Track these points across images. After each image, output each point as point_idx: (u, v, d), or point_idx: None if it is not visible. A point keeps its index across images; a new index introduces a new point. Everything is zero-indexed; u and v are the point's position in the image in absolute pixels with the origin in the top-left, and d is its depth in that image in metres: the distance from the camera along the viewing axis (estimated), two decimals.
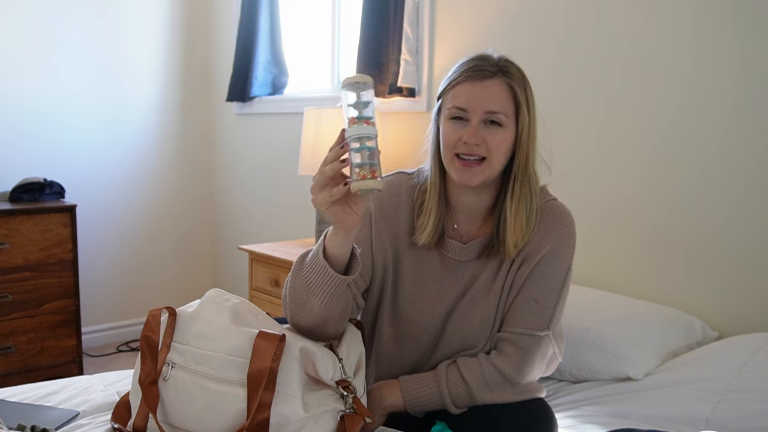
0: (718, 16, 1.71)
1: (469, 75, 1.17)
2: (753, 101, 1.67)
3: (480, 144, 1.16)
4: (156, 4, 3.36)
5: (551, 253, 1.23)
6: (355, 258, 1.12)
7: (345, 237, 1.07)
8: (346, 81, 1.02)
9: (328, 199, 1.02)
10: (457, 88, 1.19)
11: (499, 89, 1.17)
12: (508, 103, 1.17)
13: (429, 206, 1.24)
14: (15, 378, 2.62)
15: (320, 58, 3.09)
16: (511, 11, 2.18)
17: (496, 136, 1.17)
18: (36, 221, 2.69)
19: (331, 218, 1.05)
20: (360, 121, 1.00)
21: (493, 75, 1.17)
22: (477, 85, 1.17)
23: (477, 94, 1.16)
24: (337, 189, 1.01)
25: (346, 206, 1.04)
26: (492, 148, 1.17)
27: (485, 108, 1.16)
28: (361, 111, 1.01)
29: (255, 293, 2.60)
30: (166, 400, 1.08)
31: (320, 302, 1.10)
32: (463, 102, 1.17)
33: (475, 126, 1.16)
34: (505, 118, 1.17)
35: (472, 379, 1.20)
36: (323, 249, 1.09)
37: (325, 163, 1.02)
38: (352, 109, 1.01)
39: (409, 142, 2.53)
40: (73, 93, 3.13)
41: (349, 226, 1.05)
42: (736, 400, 1.33)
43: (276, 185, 3.23)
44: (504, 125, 1.17)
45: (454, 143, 1.18)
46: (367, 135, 0.99)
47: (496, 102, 1.16)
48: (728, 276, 1.73)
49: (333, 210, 1.03)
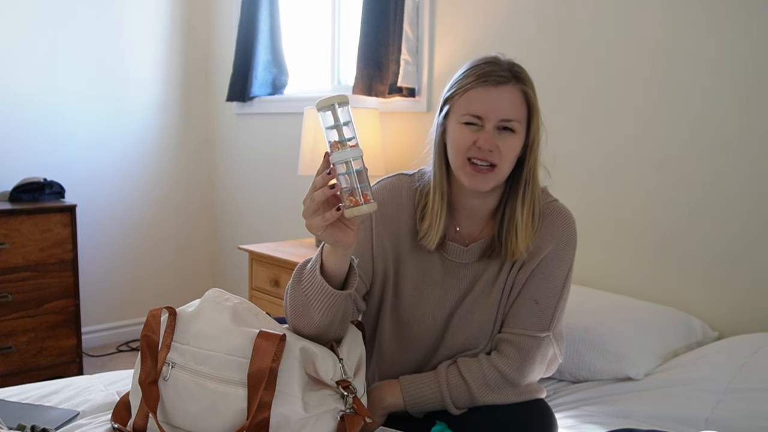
0: (725, 19, 1.71)
1: (484, 81, 1.16)
2: (758, 104, 1.66)
3: (493, 150, 1.15)
4: (156, 4, 3.36)
5: (552, 255, 1.24)
6: (353, 271, 1.11)
7: (343, 253, 1.06)
8: (320, 103, 0.98)
9: (322, 224, 1.00)
10: (471, 94, 1.17)
11: (514, 96, 1.16)
12: (522, 110, 1.17)
13: (434, 210, 1.23)
14: (15, 378, 2.62)
15: (320, 58, 3.09)
16: (512, 11, 2.18)
17: (507, 143, 1.16)
18: (36, 221, 2.69)
19: (328, 240, 1.03)
20: (342, 144, 0.97)
21: (507, 81, 1.16)
22: (492, 92, 1.15)
23: (492, 101, 1.15)
24: (330, 214, 0.98)
25: (341, 226, 1.02)
26: (503, 155, 1.16)
27: (501, 116, 1.15)
28: (342, 133, 0.98)
29: (255, 293, 2.60)
30: (166, 400, 1.08)
31: (319, 314, 1.09)
32: (478, 109, 1.15)
33: (490, 132, 1.15)
34: (518, 125, 1.17)
35: (473, 380, 1.20)
36: (320, 264, 1.08)
37: (313, 188, 0.99)
38: (332, 132, 0.99)
39: (409, 142, 2.53)
40: (73, 93, 3.13)
41: (347, 244, 1.04)
42: (736, 400, 1.33)
43: (276, 185, 3.23)
44: (516, 132, 1.17)
45: (467, 147, 1.17)
46: (353, 158, 0.97)
47: (512, 109, 1.16)
48: (728, 276, 1.73)
49: (329, 233, 1.01)
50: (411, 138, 2.53)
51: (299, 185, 2.99)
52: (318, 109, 0.99)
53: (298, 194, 2.99)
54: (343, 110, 0.99)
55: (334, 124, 0.98)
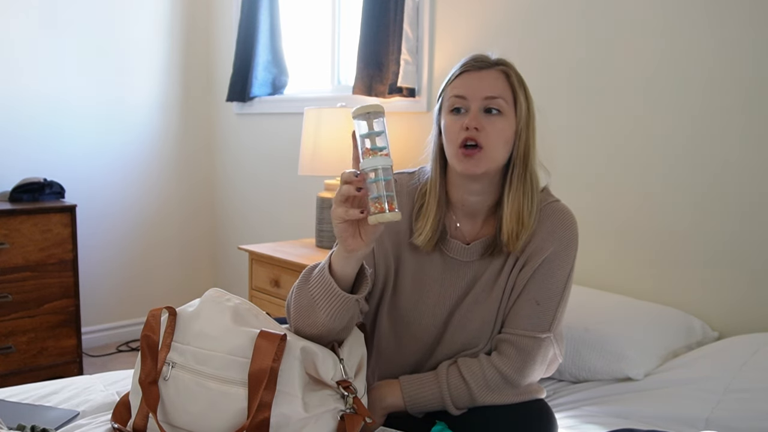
0: (725, 20, 1.71)
1: (467, 68, 1.21)
2: (758, 104, 1.67)
3: (480, 129, 1.17)
4: (156, 5, 3.36)
5: (554, 255, 1.23)
6: (365, 278, 1.12)
7: (347, 257, 1.06)
8: (357, 111, 1.02)
9: (343, 216, 1.02)
10: (456, 81, 1.22)
11: (496, 76, 1.20)
12: (505, 89, 1.20)
13: (428, 209, 1.24)
14: (15, 378, 2.62)
15: (320, 58, 3.09)
16: (512, 11, 2.18)
17: (496, 125, 1.18)
18: (36, 221, 2.69)
19: (338, 234, 1.05)
20: (373, 152, 1.01)
21: (489, 66, 1.21)
22: (474, 75, 1.20)
23: (474, 82, 1.20)
24: (353, 211, 1.01)
25: (355, 229, 1.04)
26: (491, 136, 1.17)
27: (483, 94, 1.18)
28: (374, 141, 1.01)
29: (255, 293, 2.60)
30: (166, 400, 1.08)
31: (326, 316, 1.10)
32: (461, 90, 1.20)
33: (475, 111, 1.18)
34: (504, 103, 1.19)
35: (473, 380, 1.20)
36: (329, 265, 1.09)
37: (342, 180, 1.02)
38: (365, 140, 1.02)
39: (409, 142, 2.53)
40: (73, 93, 3.13)
41: (351, 248, 1.05)
42: (736, 400, 1.33)
43: (276, 185, 3.23)
44: (504, 113, 1.19)
45: (456, 134, 1.19)
46: (382, 167, 1.00)
47: (494, 88, 1.19)
48: (728, 276, 1.73)
49: (343, 227, 1.04)
50: (411, 138, 2.53)
51: (299, 185, 2.99)
52: (354, 116, 1.03)
53: (298, 194, 3.03)
54: (378, 121, 1.02)
55: (368, 132, 1.02)
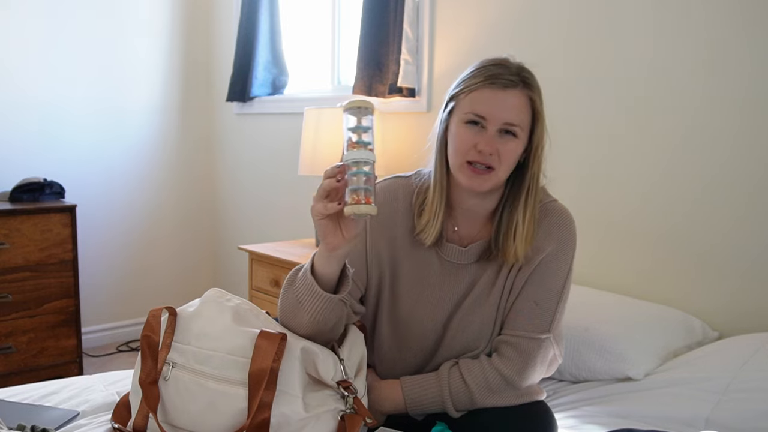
0: (721, 22, 1.71)
1: (491, 83, 1.15)
2: (754, 103, 1.67)
3: (494, 154, 1.15)
4: (156, 5, 3.36)
5: (552, 256, 1.23)
6: (346, 277, 1.12)
7: (328, 256, 1.07)
8: (348, 104, 1.02)
9: (322, 211, 1.02)
10: (476, 94, 1.16)
11: (519, 101, 1.16)
12: (526, 115, 1.17)
13: (434, 205, 1.23)
14: (15, 378, 2.62)
15: (320, 58, 3.09)
16: (512, 11, 2.18)
17: (507, 146, 1.16)
18: (36, 221, 2.69)
19: (319, 231, 1.05)
20: (359, 146, 1.01)
21: (514, 85, 1.15)
22: (498, 94, 1.15)
23: (498, 103, 1.15)
24: (331, 205, 1.01)
25: (336, 225, 1.04)
26: (503, 158, 1.16)
27: (505, 119, 1.15)
28: (360, 136, 1.02)
29: (255, 293, 2.60)
30: (166, 400, 1.08)
31: (309, 316, 1.11)
32: (482, 110, 1.15)
33: (492, 135, 1.15)
34: (521, 130, 1.16)
35: (474, 383, 1.20)
36: (311, 266, 1.10)
37: (325, 175, 1.03)
38: (351, 133, 1.02)
39: (409, 143, 2.53)
40: (73, 93, 3.13)
41: (332, 245, 1.05)
42: (736, 400, 1.33)
43: (276, 185, 3.23)
44: (518, 137, 1.16)
45: (467, 149, 1.16)
46: (364, 160, 1.00)
47: (516, 114, 1.15)
48: (728, 276, 1.73)
49: (323, 223, 1.04)
50: (411, 138, 2.53)
51: (299, 185, 2.99)
52: (344, 109, 1.03)
53: (298, 194, 3.02)
54: (367, 117, 1.02)
55: (356, 126, 1.02)
